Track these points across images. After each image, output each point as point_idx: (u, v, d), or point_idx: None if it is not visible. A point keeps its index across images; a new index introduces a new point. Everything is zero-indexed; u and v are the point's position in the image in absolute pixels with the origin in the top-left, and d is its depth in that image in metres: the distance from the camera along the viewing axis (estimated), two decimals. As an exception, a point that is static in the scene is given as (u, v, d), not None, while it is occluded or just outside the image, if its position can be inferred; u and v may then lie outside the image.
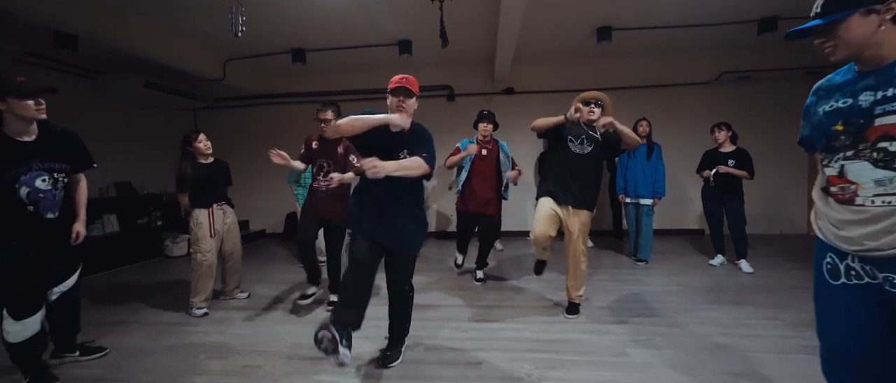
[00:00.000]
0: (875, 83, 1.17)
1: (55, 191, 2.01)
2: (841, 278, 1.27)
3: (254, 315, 2.94)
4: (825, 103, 1.31)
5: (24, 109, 1.88)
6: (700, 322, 2.60)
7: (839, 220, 1.24)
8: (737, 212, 3.86)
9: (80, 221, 2.16)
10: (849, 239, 1.21)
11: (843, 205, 1.22)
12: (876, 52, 1.16)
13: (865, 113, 1.17)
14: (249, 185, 6.65)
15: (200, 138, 3.02)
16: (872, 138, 1.15)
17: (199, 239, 2.95)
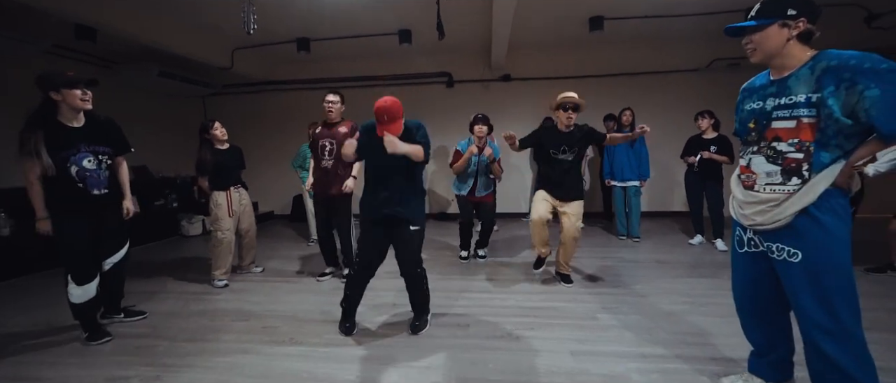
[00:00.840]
0: (776, 91, 1.44)
1: (100, 171, 2.33)
2: (744, 247, 1.60)
3: (269, 286, 3.29)
4: (747, 102, 1.59)
5: (72, 98, 2.19)
6: (664, 292, 2.91)
7: (742, 201, 1.55)
8: (716, 195, 4.14)
9: (128, 199, 2.53)
10: (745, 216, 1.53)
11: (747, 191, 1.52)
12: (782, 62, 1.44)
13: (767, 115, 1.45)
14: (258, 169, 6.94)
15: (216, 126, 3.31)
16: (769, 138, 1.44)
17: (220, 218, 3.27)
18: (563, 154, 2.96)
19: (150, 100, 6.01)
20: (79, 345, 2.31)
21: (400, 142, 2.04)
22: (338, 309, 2.52)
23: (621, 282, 3.18)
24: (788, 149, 1.40)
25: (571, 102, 2.91)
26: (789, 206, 1.39)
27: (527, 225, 5.90)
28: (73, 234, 2.23)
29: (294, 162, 4.91)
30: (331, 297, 3.00)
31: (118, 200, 2.48)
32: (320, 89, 6.55)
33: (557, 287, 3.09)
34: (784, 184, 1.41)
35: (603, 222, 5.64)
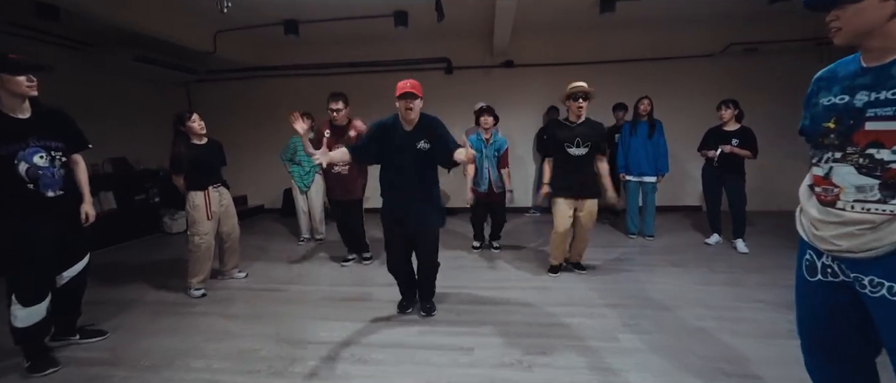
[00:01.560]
0: (872, 82, 1.11)
1: (53, 169, 2.01)
2: (817, 275, 1.28)
3: (251, 295, 3.00)
4: (825, 95, 1.26)
5: (15, 85, 1.87)
6: (689, 304, 2.63)
7: (817, 220, 1.23)
8: (738, 191, 3.84)
9: (87, 202, 2.22)
10: (823, 238, 1.21)
11: (825, 206, 1.21)
12: (881, 45, 1.10)
13: (858, 113, 1.13)
14: (246, 160, 6.61)
15: (194, 118, 2.97)
16: (861, 143, 1.12)
17: (197, 221, 2.95)
18: (578, 147, 2.94)
19: (129, 87, 5.61)
20: (17, 378, 2.00)
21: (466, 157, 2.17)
22: (326, 327, 2.28)
23: (639, 290, 2.90)
24: (893, 159, 1.08)
25: (582, 91, 2.88)
26: (893, 232, 1.08)
27: (531, 219, 5.64)
28: (22, 245, 1.92)
29: (284, 154, 4.57)
30: (318, 308, 2.71)
31: (76, 204, 2.17)
32: (311, 76, 6.20)
33: (571, 296, 2.81)
34: (885, 203, 1.10)
35: (610, 217, 5.34)
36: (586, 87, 2.89)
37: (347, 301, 2.84)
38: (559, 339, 2.23)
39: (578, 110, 2.89)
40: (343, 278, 3.35)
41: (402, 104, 2.26)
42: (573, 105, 2.89)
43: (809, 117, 1.34)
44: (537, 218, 5.71)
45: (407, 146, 2.31)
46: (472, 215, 4.07)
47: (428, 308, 2.59)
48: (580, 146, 2.92)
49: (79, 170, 2.23)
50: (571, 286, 3.02)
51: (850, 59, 1.24)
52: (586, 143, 2.92)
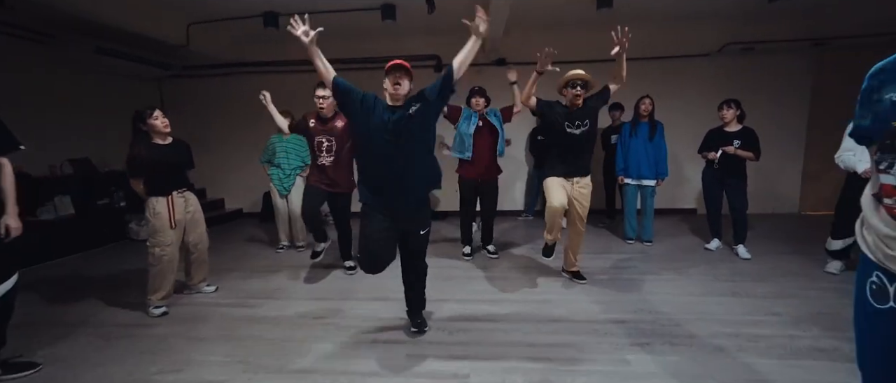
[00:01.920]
0: None
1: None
2: (889, 301, 1.07)
3: (220, 314, 2.69)
4: (891, 89, 1.04)
5: None
6: (700, 319, 2.43)
7: (888, 236, 1.02)
8: (740, 194, 3.68)
9: (10, 213, 1.88)
10: (892, 257, 1.00)
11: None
12: None
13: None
14: (224, 162, 6.25)
15: (156, 114, 2.64)
16: None
17: (158, 231, 2.63)
18: (579, 128, 2.84)
19: (94, 82, 5.19)
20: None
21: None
22: (304, 352, 2.06)
23: (644, 302, 2.70)
24: None
25: (581, 79, 2.80)
26: None
27: (524, 223, 5.42)
28: None
29: (262, 155, 4.26)
30: (296, 329, 2.43)
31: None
32: (293, 73, 5.87)
33: (573, 310, 2.59)
34: None
35: (605, 221, 5.17)
36: (584, 74, 2.78)
37: (328, 320, 2.56)
38: (564, 364, 2.00)
39: (575, 99, 2.79)
40: (324, 292, 3.07)
41: (391, 79, 1.98)
42: (570, 93, 2.79)
43: (871, 116, 1.12)
44: (531, 221, 5.49)
45: (391, 124, 1.95)
46: (462, 210, 3.81)
47: (419, 323, 2.34)
48: (580, 126, 2.82)
49: (3, 176, 1.91)
50: (572, 298, 2.80)
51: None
52: (585, 121, 2.82)
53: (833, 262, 3.21)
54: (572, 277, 3.11)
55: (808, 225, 4.93)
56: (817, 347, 2.06)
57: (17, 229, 1.88)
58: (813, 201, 5.58)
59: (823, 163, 5.49)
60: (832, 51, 5.20)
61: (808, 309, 2.51)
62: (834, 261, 3.20)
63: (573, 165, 2.88)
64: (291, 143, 4.15)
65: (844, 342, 2.09)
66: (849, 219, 3.10)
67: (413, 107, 2.00)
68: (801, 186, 5.62)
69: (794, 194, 5.67)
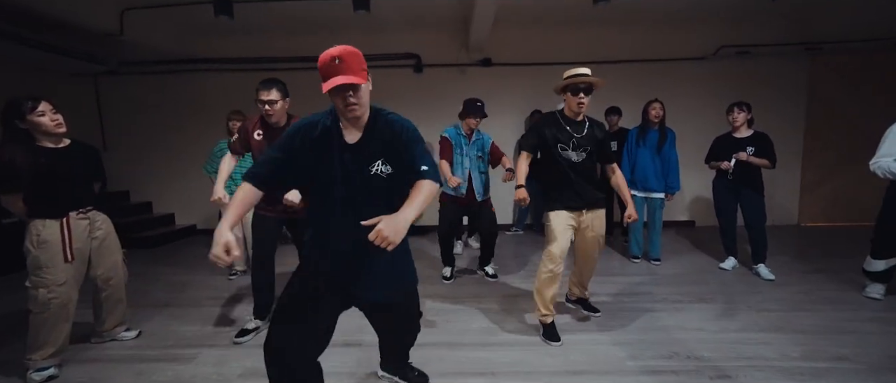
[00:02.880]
0: None
1: None
2: None
3: (135, 373, 2.01)
4: None
5: None
6: (753, 367, 1.96)
7: None
8: (757, 208, 3.30)
9: None
10: None
11: None
12: None
13: None
14: (174, 171, 5.48)
15: (42, 108, 1.96)
16: None
17: (43, 265, 1.94)
18: (574, 151, 2.23)
19: (10, 77, 4.38)
20: None
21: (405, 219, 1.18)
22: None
23: (678, 343, 2.21)
24: None
25: (585, 82, 2.15)
26: None
27: (513, 238, 4.91)
28: None
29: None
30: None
31: None
32: (250, 70, 5.19)
33: (591, 356, 2.07)
34: None
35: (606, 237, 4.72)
36: (590, 74, 2.16)
37: None
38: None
39: (579, 107, 2.19)
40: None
41: (338, 100, 1.29)
42: (573, 99, 2.19)
43: None
44: (521, 236, 5.00)
45: (353, 168, 1.34)
46: (441, 227, 3.24)
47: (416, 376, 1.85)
48: (576, 149, 2.23)
49: None
50: (587, 338, 2.29)
51: None
52: (584, 148, 2.23)
53: (874, 286, 2.82)
54: (582, 308, 2.60)
55: (812, 238, 4.65)
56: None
57: None
58: (812, 213, 5.35)
59: (821, 173, 5.30)
60: (826, 55, 5.02)
61: (878, 350, 2.09)
62: (875, 284, 2.82)
63: (583, 192, 2.23)
64: None
65: (945, 400, 1.66)
66: (893, 236, 2.68)
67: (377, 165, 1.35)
68: (800, 197, 5.39)
69: (793, 205, 5.42)
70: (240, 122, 3.35)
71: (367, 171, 1.33)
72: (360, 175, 1.33)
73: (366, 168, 1.33)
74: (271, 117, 2.24)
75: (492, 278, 3.35)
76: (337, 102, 1.30)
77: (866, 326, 2.35)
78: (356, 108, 1.29)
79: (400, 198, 1.27)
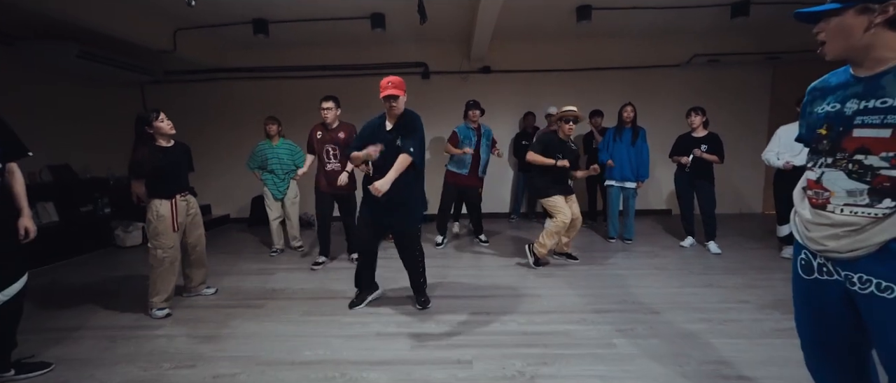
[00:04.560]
0: (862, 91, 1.15)
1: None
2: (813, 273, 1.31)
3: (223, 314, 2.74)
4: (819, 104, 1.29)
5: None
6: (676, 306, 2.67)
7: (809, 222, 1.26)
8: (708, 195, 3.99)
9: (26, 216, 1.96)
10: (813, 239, 1.25)
11: (815, 209, 1.24)
12: (866, 56, 1.14)
13: (847, 121, 1.16)
14: (209, 167, 6.19)
15: (162, 118, 2.69)
16: (850, 148, 1.15)
17: (161, 233, 2.67)
18: (564, 158, 3.44)
19: (73, 87, 5.11)
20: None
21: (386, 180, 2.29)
22: (310, 346, 2.14)
23: (627, 294, 2.92)
24: (881, 165, 1.11)
25: (574, 115, 3.37)
26: (878, 233, 1.11)
27: (509, 224, 5.61)
28: None
29: (250, 162, 4.29)
30: (300, 325, 2.52)
31: (11, 217, 1.90)
32: (279, 78, 5.92)
33: (562, 303, 2.78)
34: (872, 207, 1.13)
35: (587, 222, 5.42)
36: (577, 111, 3.38)
37: (331, 316, 2.66)
38: (557, 349, 2.18)
39: (569, 131, 3.42)
40: (324, 289, 3.16)
41: (385, 105, 2.46)
42: (565, 127, 3.40)
43: (805, 125, 1.37)
44: (514, 223, 5.70)
45: (388, 144, 2.42)
46: (442, 202, 4.30)
47: (423, 301, 2.74)
48: (566, 157, 3.44)
49: (14, 181, 1.97)
50: (561, 292, 2.99)
51: (841, 70, 1.28)
52: (569, 158, 3.44)
53: (786, 248, 3.76)
54: (567, 257, 3.75)
55: (770, 223, 5.32)
56: (779, 328, 2.31)
57: (34, 230, 1.92)
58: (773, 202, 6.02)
59: (783, 167, 5.97)
60: (785, 64, 5.67)
61: (772, 296, 2.79)
62: (786, 247, 3.74)
63: (566, 185, 3.54)
64: (281, 150, 4.22)
65: (801, 322, 2.36)
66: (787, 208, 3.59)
67: (399, 140, 2.44)
68: (763, 189, 6.06)
69: (758, 196, 6.11)
70: (275, 125, 4.16)
71: (393, 144, 2.40)
72: (389, 148, 2.40)
73: (393, 142, 2.41)
74: (327, 119, 3.49)
75: (485, 243, 4.40)
76: (386, 105, 2.45)
77: (773, 282, 3.06)
78: (394, 109, 2.45)
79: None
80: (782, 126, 3.52)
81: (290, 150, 4.25)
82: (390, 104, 2.42)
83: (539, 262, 3.56)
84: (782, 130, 3.49)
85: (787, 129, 3.45)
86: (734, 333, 2.29)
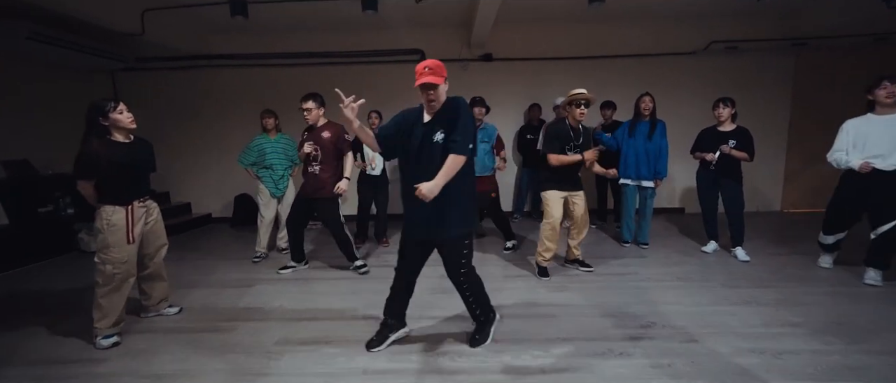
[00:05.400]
0: None
1: None
2: None
3: (183, 342, 2.32)
4: None
5: None
6: (717, 332, 2.29)
7: None
8: (736, 196, 3.60)
9: None
10: None
11: None
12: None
13: None
14: (190, 163, 5.76)
15: (121, 108, 2.25)
16: None
17: (111, 245, 2.24)
18: (574, 150, 3.06)
19: (33, 74, 4.62)
20: None
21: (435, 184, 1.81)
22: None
23: (654, 313, 2.53)
24: None
25: (585, 98, 2.95)
26: None
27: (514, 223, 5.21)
28: None
29: (244, 158, 3.85)
30: (279, 358, 2.11)
31: None
32: (265, 66, 5.44)
33: (582, 326, 2.39)
34: None
35: (596, 222, 5.03)
36: (587, 93, 2.94)
37: (319, 343, 2.25)
38: (585, 392, 1.79)
39: (581, 116, 2.99)
40: (311, 305, 2.75)
41: (422, 95, 1.93)
42: (576, 111, 2.97)
43: None
44: (519, 223, 5.30)
45: (424, 139, 1.94)
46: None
47: (476, 339, 2.22)
48: (576, 149, 3.05)
49: None
50: (578, 311, 2.60)
51: None
52: (579, 149, 3.05)
53: (824, 257, 3.35)
54: (578, 265, 3.37)
55: (792, 223, 4.97)
56: (849, 365, 1.93)
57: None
58: (793, 199, 5.67)
59: (803, 163, 5.59)
60: (811, 51, 5.27)
61: (825, 317, 2.42)
62: (825, 256, 3.34)
63: (572, 180, 3.12)
64: (280, 143, 3.90)
65: (872, 357, 1.98)
66: (840, 216, 3.17)
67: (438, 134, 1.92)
68: (783, 185, 5.69)
69: (776, 193, 5.74)
70: (272, 119, 3.87)
71: (431, 140, 1.91)
72: (427, 144, 1.92)
73: (431, 138, 1.91)
74: (307, 120, 3.17)
75: (508, 249, 3.96)
76: (423, 95, 1.90)
77: (819, 298, 2.68)
78: (433, 104, 1.92)
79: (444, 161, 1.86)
80: (849, 120, 2.97)
81: (288, 145, 3.93)
82: (428, 94, 1.89)
83: (543, 272, 3.23)
84: (851, 125, 2.95)
85: (857, 124, 2.92)
86: (797, 372, 1.90)
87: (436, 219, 1.96)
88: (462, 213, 2.01)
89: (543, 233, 3.14)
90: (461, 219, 2.00)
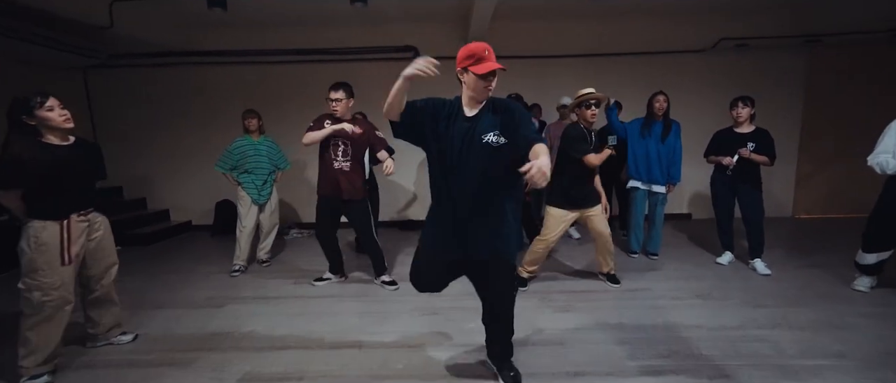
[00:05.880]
0: None
1: None
2: None
3: (133, 379, 1.99)
4: None
5: None
6: (749, 364, 1.98)
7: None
8: (755, 203, 3.31)
9: None
10: None
11: None
12: None
13: None
14: (169, 167, 5.42)
15: (51, 103, 1.91)
16: None
17: (39, 268, 1.90)
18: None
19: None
20: None
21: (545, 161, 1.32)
22: None
23: (678, 341, 2.22)
24: None
25: (594, 98, 2.80)
26: None
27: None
28: None
29: (222, 163, 3.53)
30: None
31: None
32: (248, 64, 5.10)
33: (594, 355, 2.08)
34: None
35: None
36: (596, 92, 2.81)
37: (290, 381, 1.93)
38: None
39: (592, 117, 2.83)
40: (285, 331, 2.42)
41: (481, 81, 1.53)
42: (587, 113, 2.82)
43: None
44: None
45: (467, 137, 1.58)
46: None
47: (511, 377, 1.88)
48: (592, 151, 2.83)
49: None
50: (589, 336, 2.30)
51: None
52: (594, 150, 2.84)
53: (862, 279, 2.87)
54: (608, 280, 3.13)
55: (806, 231, 4.70)
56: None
57: None
58: (806, 204, 5.40)
59: (816, 166, 5.33)
60: (824, 48, 5.01)
61: (868, 345, 2.12)
62: (863, 278, 2.87)
63: (584, 196, 2.86)
64: (263, 146, 3.59)
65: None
66: (886, 230, 2.71)
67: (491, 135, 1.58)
68: (795, 189, 5.42)
69: (788, 198, 5.46)
70: (256, 120, 3.56)
71: (479, 139, 1.56)
72: (473, 143, 1.57)
73: (479, 136, 1.56)
74: (336, 112, 2.84)
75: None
76: (479, 82, 1.53)
77: (859, 321, 2.38)
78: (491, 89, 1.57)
79: (504, 169, 1.57)
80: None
81: (270, 148, 3.64)
82: (490, 83, 1.55)
83: (522, 283, 3.02)
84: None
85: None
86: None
87: (492, 235, 1.65)
88: (517, 230, 1.74)
89: (534, 247, 2.94)
90: (517, 234, 1.75)
